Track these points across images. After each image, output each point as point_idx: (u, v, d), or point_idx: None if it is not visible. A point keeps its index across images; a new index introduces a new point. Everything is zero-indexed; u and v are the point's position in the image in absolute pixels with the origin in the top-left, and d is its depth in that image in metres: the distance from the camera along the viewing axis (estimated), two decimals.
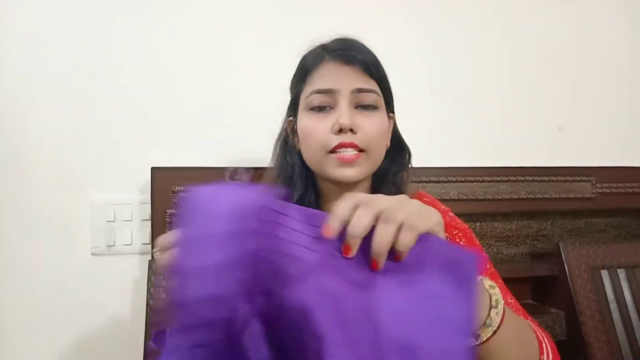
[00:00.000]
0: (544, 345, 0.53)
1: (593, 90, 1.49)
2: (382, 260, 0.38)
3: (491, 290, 0.46)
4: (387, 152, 0.71)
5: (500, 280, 0.67)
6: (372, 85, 0.66)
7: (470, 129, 1.39)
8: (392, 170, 0.72)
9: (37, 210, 1.10)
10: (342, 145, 0.63)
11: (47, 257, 1.10)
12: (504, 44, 1.43)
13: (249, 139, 1.17)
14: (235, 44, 1.23)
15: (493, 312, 0.44)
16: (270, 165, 0.78)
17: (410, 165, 0.74)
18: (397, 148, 0.73)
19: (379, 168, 0.70)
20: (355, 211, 0.39)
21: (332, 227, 0.39)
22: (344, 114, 0.63)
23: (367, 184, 0.70)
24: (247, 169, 1.05)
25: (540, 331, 0.57)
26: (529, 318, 0.63)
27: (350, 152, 0.63)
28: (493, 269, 0.69)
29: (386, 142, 0.69)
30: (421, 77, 1.35)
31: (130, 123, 1.15)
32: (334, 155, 0.63)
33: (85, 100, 1.13)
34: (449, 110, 1.38)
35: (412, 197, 0.70)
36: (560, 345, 1.23)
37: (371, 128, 0.64)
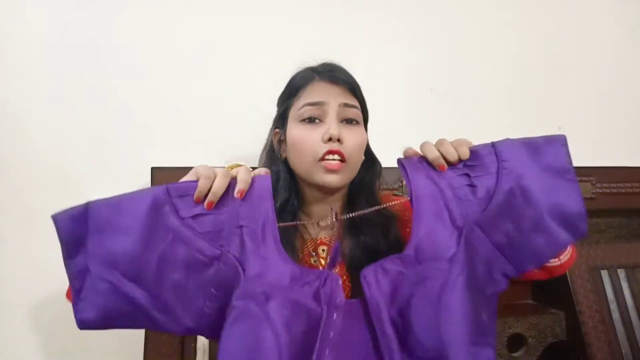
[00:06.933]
0: None
1: (593, 90, 1.49)
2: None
3: None
4: (362, 164, 0.79)
5: None
6: (356, 102, 0.75)
7: (470, 129, 1.38)
8: (367, 179, 0.80)
9: (37, 211, 1.10)
10: (330, 152, 0.70)
11: (47, 257, 1.10)
12: (504, 44, 1.43)
13: (248, 139, 1.16)
14: (235, 44, 1.23)
15: None
16: None
17: (381, 177, 0.84)
18: (370, 161, 0.81)
19: (356, 178, 0.77)
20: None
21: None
22: (333, 125, 0.71)
23: (344, 191, 0.79)
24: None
25: None
26: None
27: (335, 162, 0.70)
28: None
29: (363, 155, 0.77)
30: (421, 77, 1.35)
31: (130, 123, 1.15)
32: (321, 163, 0.70)
33: (85, 100, 1.14)
34: (449, 110, 1.38)
35: (380, 199, 0.79)
36: (560, 345, 1.22)
37: (354, 140, 0.72)
